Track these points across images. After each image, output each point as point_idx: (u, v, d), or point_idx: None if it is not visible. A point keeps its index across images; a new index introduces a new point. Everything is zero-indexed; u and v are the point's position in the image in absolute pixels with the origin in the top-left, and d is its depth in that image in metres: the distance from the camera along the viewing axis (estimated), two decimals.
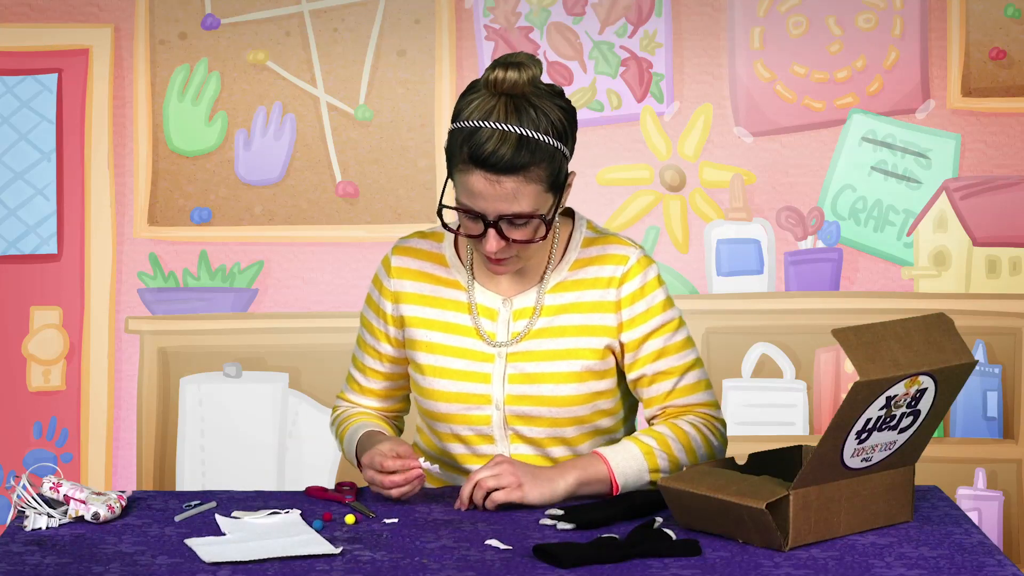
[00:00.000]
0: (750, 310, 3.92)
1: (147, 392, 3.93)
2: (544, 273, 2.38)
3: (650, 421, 2.39)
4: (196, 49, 3.92)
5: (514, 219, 2.24)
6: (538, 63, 2.25)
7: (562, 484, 2.26)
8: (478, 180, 2.22)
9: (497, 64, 2.24)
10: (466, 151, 2.22)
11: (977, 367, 2.40)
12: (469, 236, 2.28)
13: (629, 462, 2.29)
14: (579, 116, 3.92)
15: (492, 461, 2.26)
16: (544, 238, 2.28)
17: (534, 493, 2.24)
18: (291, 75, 3.93)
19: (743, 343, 3.93)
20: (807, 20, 3.93)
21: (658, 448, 2.30)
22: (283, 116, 3.93)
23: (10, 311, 3.93)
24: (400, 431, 2.57)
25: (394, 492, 2.25)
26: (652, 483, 2.29)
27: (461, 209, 2.26)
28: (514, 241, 2.26)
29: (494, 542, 2.03)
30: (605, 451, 2.30)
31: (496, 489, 2.22)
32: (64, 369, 3.95)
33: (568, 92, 3.83)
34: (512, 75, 2.22)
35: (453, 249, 2.42)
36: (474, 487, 2.23)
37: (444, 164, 3.90)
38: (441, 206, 2.31)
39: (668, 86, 3.92)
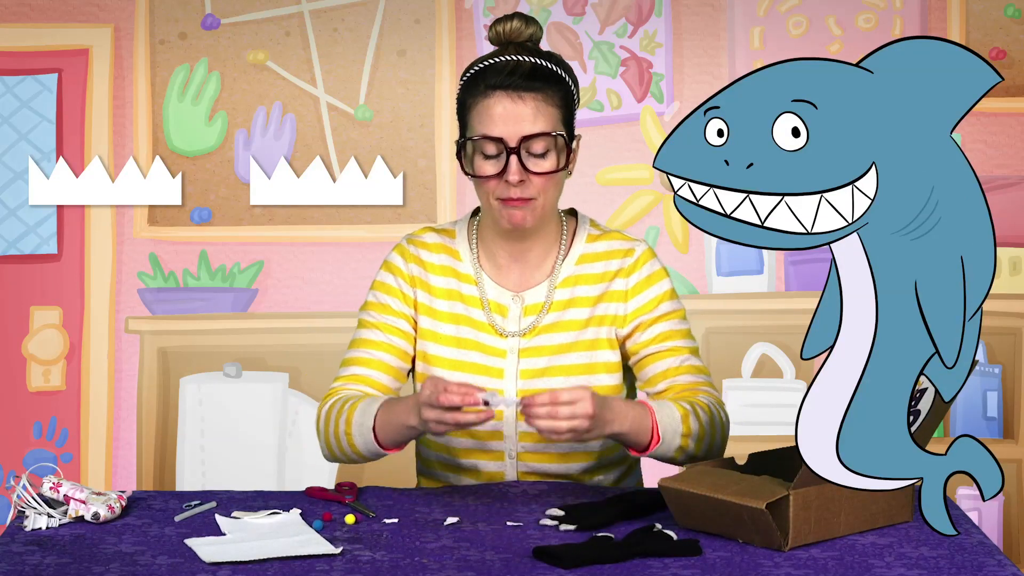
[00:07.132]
0: (750, 310, 3.92)
1: (147, 392, 3.93)
2: (554, 266, 2.40)
3: (654, 398, 2.39)
4: (196, 49, 3.91)
5: (535, 140, 2.27)
6: (540, 24, 2.36)
7: (616, 427, 2.20)
8: (500, 101, 2.28)
9: (503, 17, 2.34)
10: (483, 84, 2.29)
11: (977, 367, 2.40)
12: (487, 178, 2.30)
13: (668, 421, 2.27)
14: (579, 116, 3.93)
15: (571, 393, 2.13)
16: (562, 169, 2.31)
17: (592, 435, 2.17)
18: (291, 75, 3.93)
19: (743, 343, 3.92)
20: (807, 20, 3.92)
21: (692, 412, 2.29)
22: (283, 116, 3.93)
23: (10, 311, 3.93)
24: None
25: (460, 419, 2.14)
26: (680, 448, 2.28)
27: (482, 139, 2.28)
28: (534, 174, 2.28)
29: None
30: (652, 404, 2.28)
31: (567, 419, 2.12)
32: (64, 369, 3.94)
33: None
34: (519, 24, 2.33)
35: (466, 244, 2.43)
36: (546, 407, 2.11)
37: (444, 165, 3.91)
38: (460, 151, 2.33)
39: (668, 86, 3.92)
